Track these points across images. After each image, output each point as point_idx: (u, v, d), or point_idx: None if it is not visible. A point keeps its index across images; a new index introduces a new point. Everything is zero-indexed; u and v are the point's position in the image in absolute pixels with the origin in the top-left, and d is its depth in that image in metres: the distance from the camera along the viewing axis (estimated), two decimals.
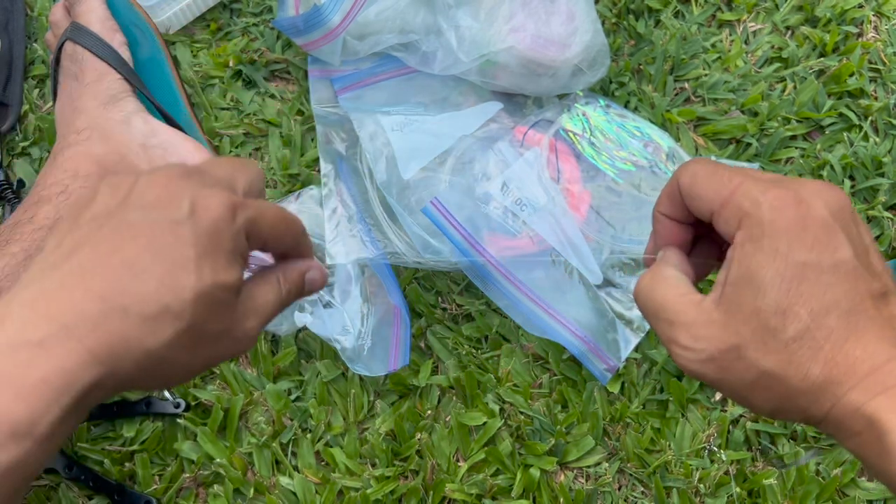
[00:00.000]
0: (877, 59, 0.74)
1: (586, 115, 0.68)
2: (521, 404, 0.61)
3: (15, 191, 0.68)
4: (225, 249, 0.31)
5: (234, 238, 0.31)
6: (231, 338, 0.32)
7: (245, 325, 0.33)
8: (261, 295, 0.34)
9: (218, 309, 0.31)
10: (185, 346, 0.30)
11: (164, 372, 0.31)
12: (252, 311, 0.33)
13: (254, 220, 0.33)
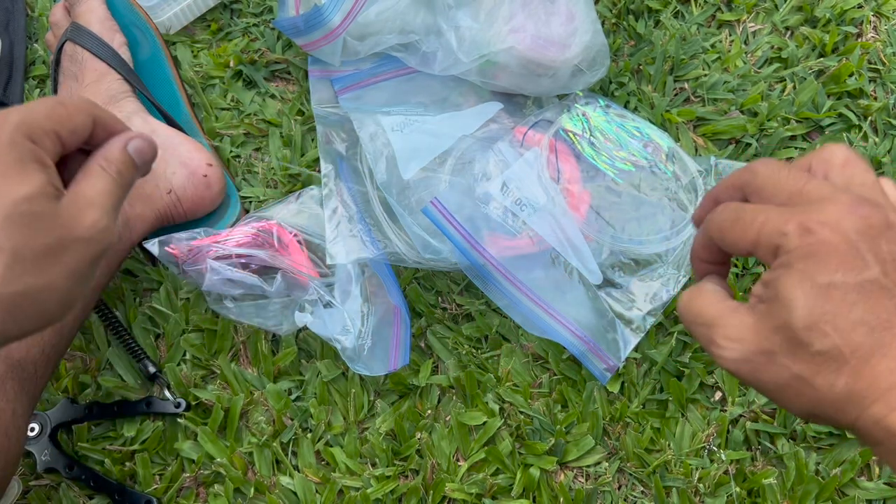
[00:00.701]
0: (876, 59, 0.74)
1: (586, 115, 0.68)
2: (521, 404, 0.61)
3: None
4: (6, 163, 0.30)
5: (10, 148, 0.30)
6: (74, 239, 0.31)
7: (84, 222, 0.32)
8: (88, 187, 0.33)
9: (29, 222, 0.30)
10: (27, 271, 0.29)
11: (33, 309, 0.30)
12: (85, 205, 0.32)
13: (23, 122, 0.31)
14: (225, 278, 0.60)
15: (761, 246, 0.33)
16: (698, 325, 0.34)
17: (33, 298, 0.30)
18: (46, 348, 0.52)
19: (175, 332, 0.63)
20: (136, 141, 0.36)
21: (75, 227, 0.31)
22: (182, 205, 0.62)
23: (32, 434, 0.58)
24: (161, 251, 0.61)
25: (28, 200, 0.30)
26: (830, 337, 0.31)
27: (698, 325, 0.34)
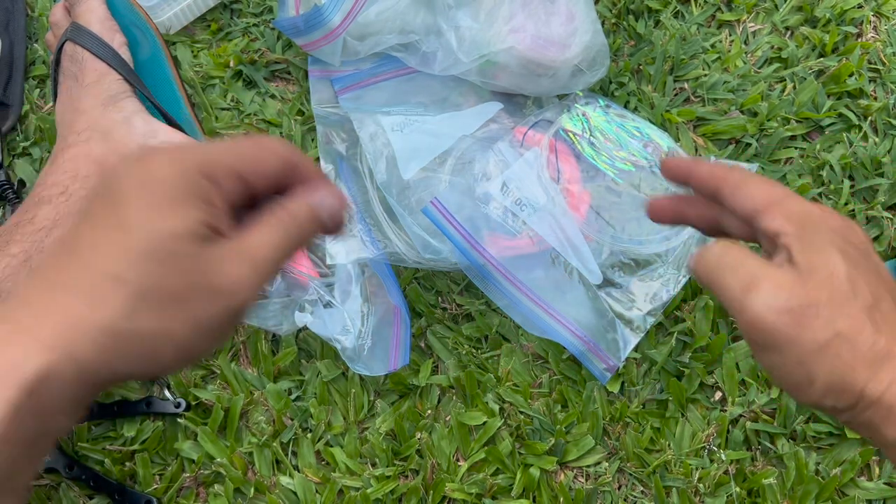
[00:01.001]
0: (876, 59, 0.74)
1: (586, 115, 0.68)
2: (521, 404, 0.61)
3: (16, 191, 0.68)
4: (164, 195, 0.27)
5: (178, 180, 0.28)
6: (211, 290, 0.28)
7: (230, 273, 0.28)
8: (251, 237, 0.30)
9: (166, 260, 0.27)
10: (148, 313, 0.27)
11: (144, 352, 0.27)
12: (239, 254, 0.29)
13: (205, 158, 0.29)
14: None
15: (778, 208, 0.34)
16: (735, 273, 0.33)
17: (148, 341, 0.27)
18: None
19: None
20: (322, 194, 0.32)
21: (215, 277, 0.28)
22: None
23: None
24: None
25: (172, 238, 0.27)
26: (867, 296, 0.32)
27: (735, 273, 0.33)
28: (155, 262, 0.27)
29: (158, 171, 0.28)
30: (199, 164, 0.28)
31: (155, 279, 0.27)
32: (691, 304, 0.64)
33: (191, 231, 0.27)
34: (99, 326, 0.26)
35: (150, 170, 0.28)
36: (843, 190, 0.68)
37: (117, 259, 0.26)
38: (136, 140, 0.61)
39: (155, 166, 0.28)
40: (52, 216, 0.54)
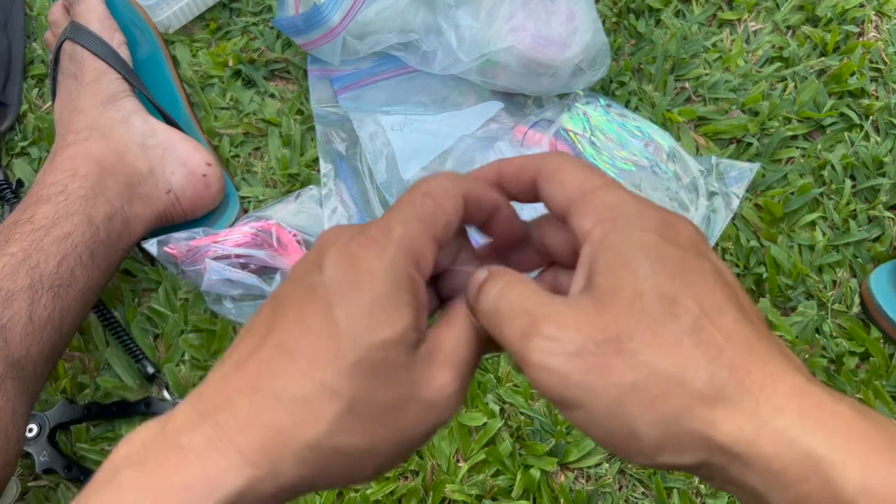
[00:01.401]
0: (878, 58, 0.74)
1: (587, 114, 0.68)
2: (522, 404, 0.61)
3: (14, 191, 0.67)
4: (375, 297, 0.24)
5: (387, 277, 0.25)
6: (420, 405, 0.25)
7: (437, 385, 0.25)
8: (448, 336, 0.27)
9: (384, 372, 0.24)
10: (357, 428, 0.24)
11: (346, 467, 0.25)
12: (441, 361, 0.26)
13: (405, 238, 0.25)
14: (224, 278, 0.60)
15: (591, 199, 0.26)
16: (515, 319, 0.25)
17: (353, 458, 0.25)
18: (45, 347, 0.51)
19: (174, 332, 0.63)
20: (479, 274, 0.28)
21: (425, 391, 0.25)
22: (181, 204, 0.62)
23: (31, 435, 0.58)
24: (160, 251, 0.60)
25: (385, 347, 0.24)
26: (695, 313, 0.24)
27: (515, 319, 0.25)
28: (368, 374, 0.24)
29: (367, 266, 0.25)
30: (408, 246, 0.25)
31: (366, 392, 0.24)
32: None
33: (403, 338, 0.25)
34: (307, 443, 0.24)
35: (358, 265, 0.25)
36: (844, 190, 0.68)
37: (332, 370, 0.24)
38: (134, 139, 0.61)
39: (363, 260, 0.25)
40: (50, 215, 0.54)
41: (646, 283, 0.24)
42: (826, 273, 0.65)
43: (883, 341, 0.63)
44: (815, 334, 0.63)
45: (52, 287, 0.52)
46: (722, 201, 0.66)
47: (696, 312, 0.24)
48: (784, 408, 0.22)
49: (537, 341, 0.24)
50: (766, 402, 0.22)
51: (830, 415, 0.22)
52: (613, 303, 0.24)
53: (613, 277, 0.24)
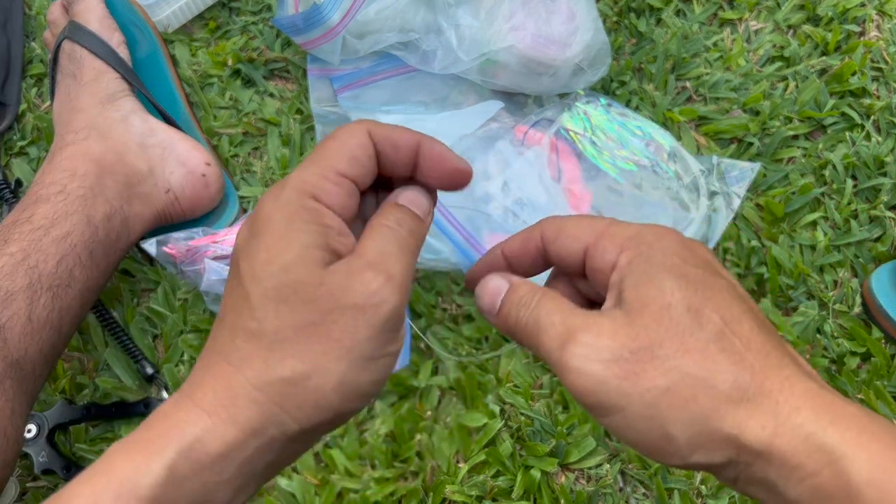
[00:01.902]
0: (879, 57, 0.74)
1: (587, 114, 0.68)
2: (522, 405, 0.61)
3: (13, 190, 0.67)
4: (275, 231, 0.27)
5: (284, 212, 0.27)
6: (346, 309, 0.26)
7: (359, 287, 0.27)
8: (369, 247, 0.28)
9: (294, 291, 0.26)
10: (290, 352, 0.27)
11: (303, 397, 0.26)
12: (359, 268, 0.27)
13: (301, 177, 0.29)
14: (223, 278, 0.60)
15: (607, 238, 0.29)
16: (550, 328, 0.27)
17: (303, 384, 0.26)
18: (44, 347, 0.51)
19: (173, 332, 0.63)
20: (406, 193, 0.31)
21: (345, 294, 0.26)
22: (180, 204, 0.62)
23: (30, 435, 0.58)
24: (159, 251, 0.60)
25: (285, 271, 0.26)
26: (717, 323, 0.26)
27: (550, 328, 0.27)
28: (279, 300, 0.26)
29: (263, 214, 0.27)
30: (300, 185, 0.27)
31: (285, 316, 0.26)
32: None
33: (302, 258, 0.26)
34: (251, 382, 0.26)
35: (257, 217, 0.27)
36: (845, 189, 0.68)
37: (250, 312, 0.26)
38: (134, 139, 0.60)
39: (261, 211, 0.27)
40: (50, 215, 0.54)
41: (672, 297, 0.26)
42: (827, 273, 0.65)
43: (884, 341, 0.62)
44: (817, 334, 0.63)
45: (51, 287, 0.52)
46: (723, 201, 0.66)
47: (718, 322, 0.26)
48: (801, 408, 0.24)
49: (576, 348, 0.26)
50: (784, 402, 0.25)
51: (841, 414, 0.24)
52: (644, 314, 0.26)
53: (642, 293, 0.27)
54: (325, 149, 0.29)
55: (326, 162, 0.28)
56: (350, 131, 0.29)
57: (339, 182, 0.28)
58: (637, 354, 0.26)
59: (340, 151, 0.28)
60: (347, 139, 0.29)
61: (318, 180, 0.28)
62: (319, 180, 0.28)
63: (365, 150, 0.29)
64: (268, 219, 0.27)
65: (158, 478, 0.25)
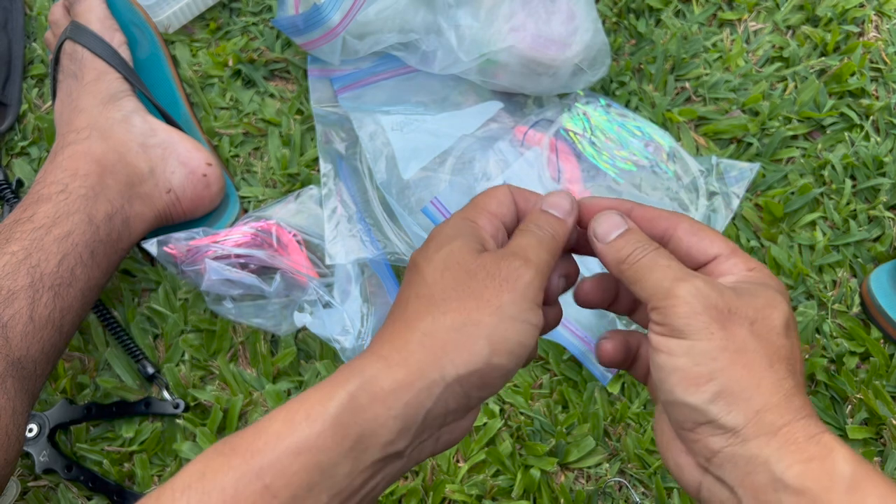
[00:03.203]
0: (878, 58, 0.74)
1: (587, 114, 0.68)
2: (522, 405, 0.61)
3: (14, 190, 0.67)
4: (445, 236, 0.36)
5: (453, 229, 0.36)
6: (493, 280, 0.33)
7: (503, 265, 0.34)
8: (512, 242, 0.36)
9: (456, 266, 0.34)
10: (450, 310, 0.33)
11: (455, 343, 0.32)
12: (506, 254, 0.34)
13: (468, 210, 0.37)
14: (223, 278, 0.60)
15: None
16: (664, 268, 0.33)
17: (460, 331, 0.32)
18: (46, 346, 0.51)
19: (174, 332, 0.63)
20: (549, 198, 0.38)
21: (494, 269, 0.33)
22: (181, 204, 0.62)
23: (31, 435, 0.58)
24: (159, 251, 0.60)
25: (450, 253, 0.34)
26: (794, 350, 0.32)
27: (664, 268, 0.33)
28: (446, 270, 0.33)
29: (439, 227, 0.36)
30: (462, 214, 0.37)
31: (450, 283, 0.33)
32: None
33: (465, 248, 0.34)
34: (420, 329, 0.32)
35: (437, 229, 0.36)
36: (844, 190, 0.68)
37: (423, 282, 0.34)
38: (135, 139, 0.61)
39: (438, 226, 0.37)
40: (51, 214, 0.54)
41: (776, 310, 0.32)
42: (826, 273, 0.65)
43: (883, 341, 0.62)
44: (816, 334, 0.63)
45: (53, 286, 0.52)
46: (722, 201, 0.66)
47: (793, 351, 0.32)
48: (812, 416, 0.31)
49: (688, 285, 0.32)
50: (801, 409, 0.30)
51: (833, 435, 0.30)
52: (753, 299, 0.32)
53: (756, 290, 0.33)
54: (478, 198, 0.38)
55: (479, 205, 0.37)
56: (496, 188, 0.38)
57: (490, 218, 0.36)
58: (734, 314, 0.31)
59: (489, 197, 0.37)
60: (494, 191, 0.38)
61: (474, 214, 0.36)
62: (475, 214, 0.36)
63: (506, 196, 0.38)
64: (439, 231, 0.36)
65: (341, 403, 0.30)
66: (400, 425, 0.30)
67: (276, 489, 0.29)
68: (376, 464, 0.31)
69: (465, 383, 0.31)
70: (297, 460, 0.29)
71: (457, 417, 0.33)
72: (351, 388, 0.30)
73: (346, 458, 0.30)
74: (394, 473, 0.32)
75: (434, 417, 0.32)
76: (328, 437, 0.29)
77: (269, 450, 0.29)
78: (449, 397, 0.31)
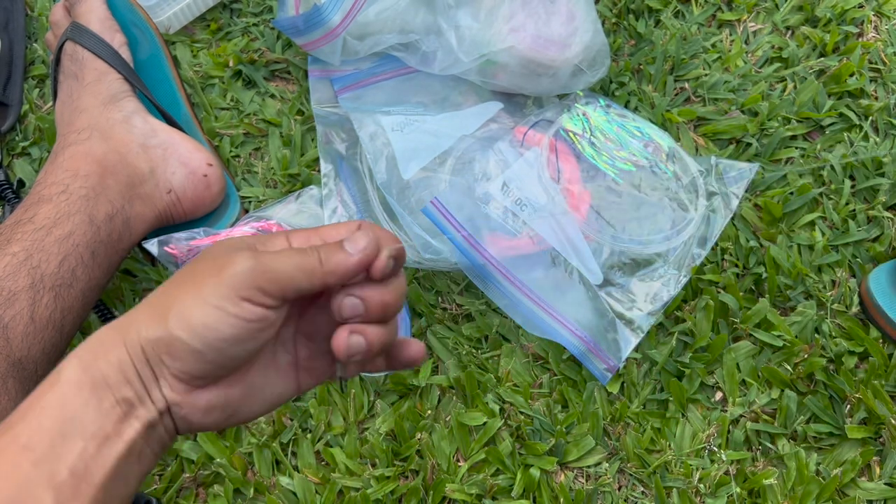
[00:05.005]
0: (877, 58, 0.74)
1: (586, 114, 0.68)
2: (522, 404, 0.61)
3: (15, 191, 0.68)
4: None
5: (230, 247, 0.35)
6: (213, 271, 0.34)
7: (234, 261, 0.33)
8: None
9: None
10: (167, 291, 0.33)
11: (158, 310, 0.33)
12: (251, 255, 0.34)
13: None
14: None
15: None
16: None
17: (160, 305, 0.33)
18: (47, 347, 0.51)
19: None
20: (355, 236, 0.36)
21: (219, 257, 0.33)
22: (182, 204, 0.62)
23: None
24: (160, 251, 0.61)
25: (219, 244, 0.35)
26: None
27: None
28: (199, 258, 0.34)
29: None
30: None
31: (191, 265, 0.34)
32: (692, 304, 0.64)
33: (229, 243, 0.34)
34: (143, 302, 0.34)
35: None
36: (843, 190, 0.68)
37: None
38: (135, 139, 0.61)
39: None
40: (52, 215, 0.54)
41: None
42: (825, 273, 0.65)
43: (882, 341, 0.63)
44: (815, 334, 0.63)
45: (54, 287, 0.52)
46: (721, 201, 0.67)
47: None
48: None
49: None
50: None
51: None
52: None
53: None
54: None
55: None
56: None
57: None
58: None
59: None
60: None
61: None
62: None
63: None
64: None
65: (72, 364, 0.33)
66: (116, 372, 0.32)
67: (32, 445, 0.31)
68: (116, 406, 0.32)
69: (153, 347, 0.32)
70: (46, 415, 0.32)
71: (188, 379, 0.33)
72: (80, 350, 0.33)
73: (88, 404, 0.32)
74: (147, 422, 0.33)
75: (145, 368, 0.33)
76: (70, 392, 0.32)
77: (21, 418, 0.32)
78: (149, 357, 0.33)
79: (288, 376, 0.37)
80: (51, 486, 0.30)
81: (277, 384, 0.37)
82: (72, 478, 0.30)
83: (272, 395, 0.36)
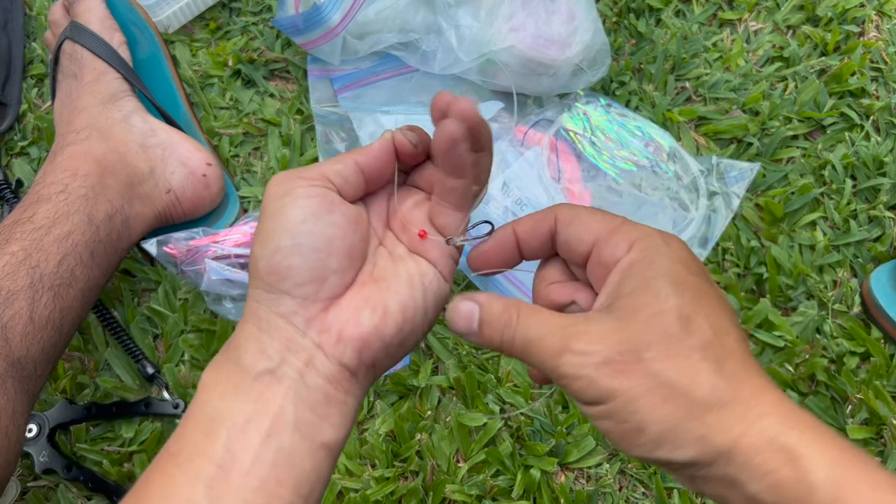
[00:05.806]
0: (878, 58, 0.74)
1: (587, 114, 0.68)
2: (522, 405, 0.61)
3: (13, 190, 0.67)
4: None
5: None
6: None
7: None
8: None
9: None
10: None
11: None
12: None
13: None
14: (223, 278, 0.60)
15: (619, 234, 0.31)
16: (541, 341, 0.30)
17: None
18: (46, 347, 0.51)
19: (174, 332, 0.63)
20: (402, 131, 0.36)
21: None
22: (181, 204, 0.62)
23: (31, 435, 0.58)
24: (159, 251, 0.60)
25: None
26: (707, 333, 0.28)
27: (541, 341, 0.30)
28: None
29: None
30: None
31: None
32: None
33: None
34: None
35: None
36: (844, 189, 0.68)
37: None
38: (135, 139, 0.61)
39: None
40: (51, 214, 0.54)
41: (666, 304, 0.29)
42: (826, 273, 0.65)
43: (883, 341, 0.62)
44: (816, 334, 0.63)
45: (53, 286, 0.52)
46: (722, 201, 0.66)
47: (707, 331, 0.28)
48: (768, 413, 0.27)
49: (570, 357, 0.29)
50: (754, 408, 0.27)
51: (802, 420, 0.27)
52: (635, 320, 0.29)
53: (637, 299, 0.29)
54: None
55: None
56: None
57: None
58: (625, 356, 0.28)
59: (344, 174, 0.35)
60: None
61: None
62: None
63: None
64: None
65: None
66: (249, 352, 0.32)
67: (177, 450, 0.31)
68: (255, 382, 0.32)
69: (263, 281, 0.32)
70: (190, 421, 0.32)
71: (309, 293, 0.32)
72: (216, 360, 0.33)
73: (223, 397, 0.32)
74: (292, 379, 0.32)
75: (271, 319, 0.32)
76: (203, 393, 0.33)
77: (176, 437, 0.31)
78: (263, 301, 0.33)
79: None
80: (200, 483, 0.29)
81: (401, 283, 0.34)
82: (220, 470, 0.29)
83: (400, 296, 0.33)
